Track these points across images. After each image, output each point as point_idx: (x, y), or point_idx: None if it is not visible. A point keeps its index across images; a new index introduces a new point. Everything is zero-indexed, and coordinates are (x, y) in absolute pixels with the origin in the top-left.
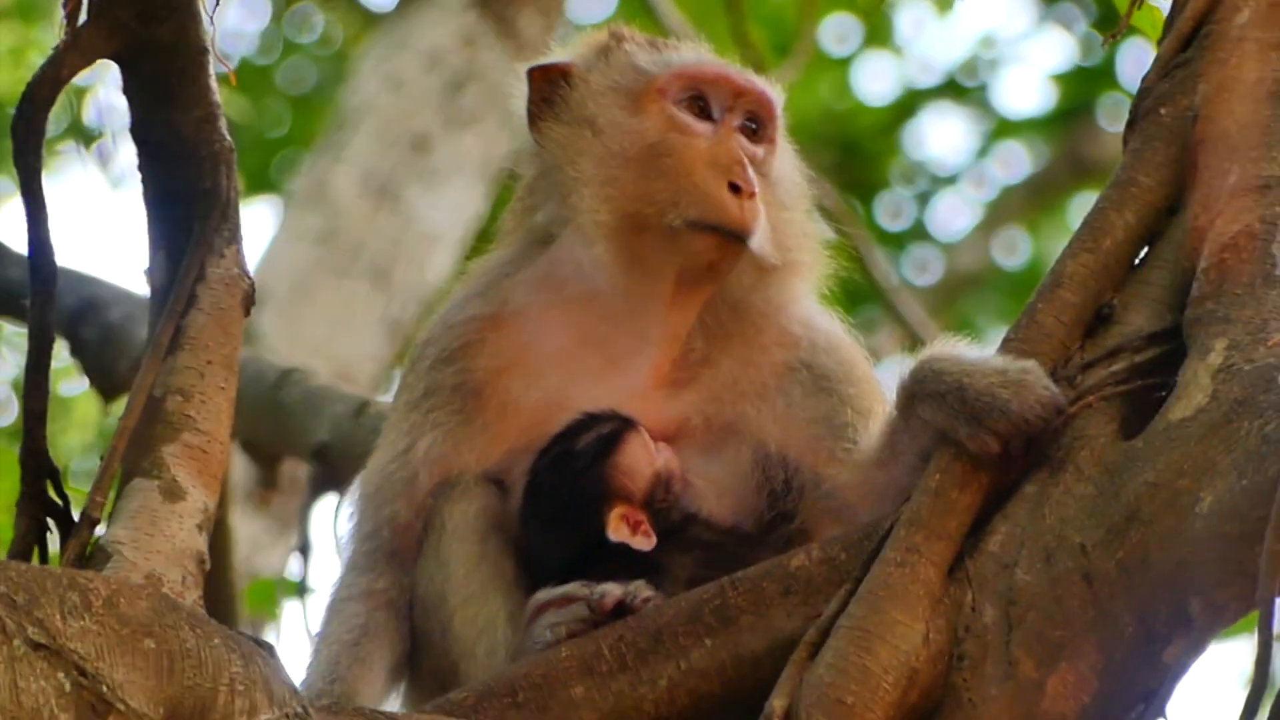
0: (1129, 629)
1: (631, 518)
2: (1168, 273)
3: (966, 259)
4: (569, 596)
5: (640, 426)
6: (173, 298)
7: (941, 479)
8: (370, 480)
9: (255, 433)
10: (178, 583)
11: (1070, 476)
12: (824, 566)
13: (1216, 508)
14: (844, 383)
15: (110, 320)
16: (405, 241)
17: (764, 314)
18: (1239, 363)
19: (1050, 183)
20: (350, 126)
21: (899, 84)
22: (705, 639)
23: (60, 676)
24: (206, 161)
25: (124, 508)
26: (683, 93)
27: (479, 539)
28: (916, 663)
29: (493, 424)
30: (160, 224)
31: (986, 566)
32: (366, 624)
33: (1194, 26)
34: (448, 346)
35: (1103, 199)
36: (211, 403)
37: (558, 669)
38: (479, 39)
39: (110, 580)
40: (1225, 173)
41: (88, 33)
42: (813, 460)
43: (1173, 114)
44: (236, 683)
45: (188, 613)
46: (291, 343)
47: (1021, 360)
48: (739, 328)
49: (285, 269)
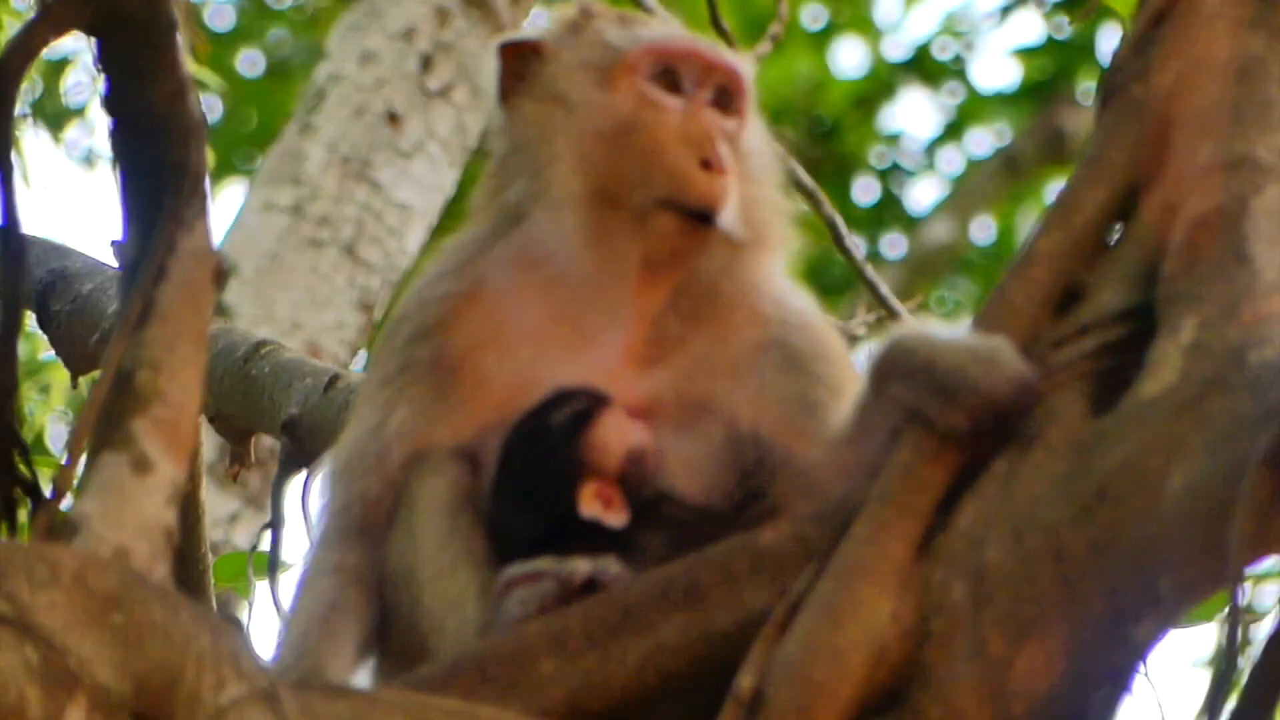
0: (1098, 607)
1: (604, 494)
2: (1139, 250)
3: (938, 236)
4: (538, 572)
5: (614, 403)
6: (143, 271)
7: (911, 456)
8: (342, 456)
9: (225, 407)
10: (146, 556)
11: (1040, 454)
12: (794, 543)
13: (1187, 486)
14: (816, 361)
15: (81, 293)
16: (376, 216)
17: (736, 292)
18: (1210, 341)
19: (1024, 159)
20: (321, 100)
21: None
22: (675, 615)
23: (28, 650)
24: (177, 135)
25: (92, 481)
26: (653, 68)
27: (450, 514)
28: (885, 640)
29: (467, 399)
30: (131, 197)
31: (956, 544)
32: (336, 599)
33: (1166, 3)
34: (423, 323)
35: (1074, 176)
36: (182, 376)
37: (527, 645)
38: (452, 13)
39: (78, 554)
40: (1197, 150)
41: (59, 5)
42: (785, 439)
43: (1144, 91)
44: (204, 657)
45: (156, 587)
46: (261, 317)
47: (991, 338)
48: (711, 307)
49: (255, 243)
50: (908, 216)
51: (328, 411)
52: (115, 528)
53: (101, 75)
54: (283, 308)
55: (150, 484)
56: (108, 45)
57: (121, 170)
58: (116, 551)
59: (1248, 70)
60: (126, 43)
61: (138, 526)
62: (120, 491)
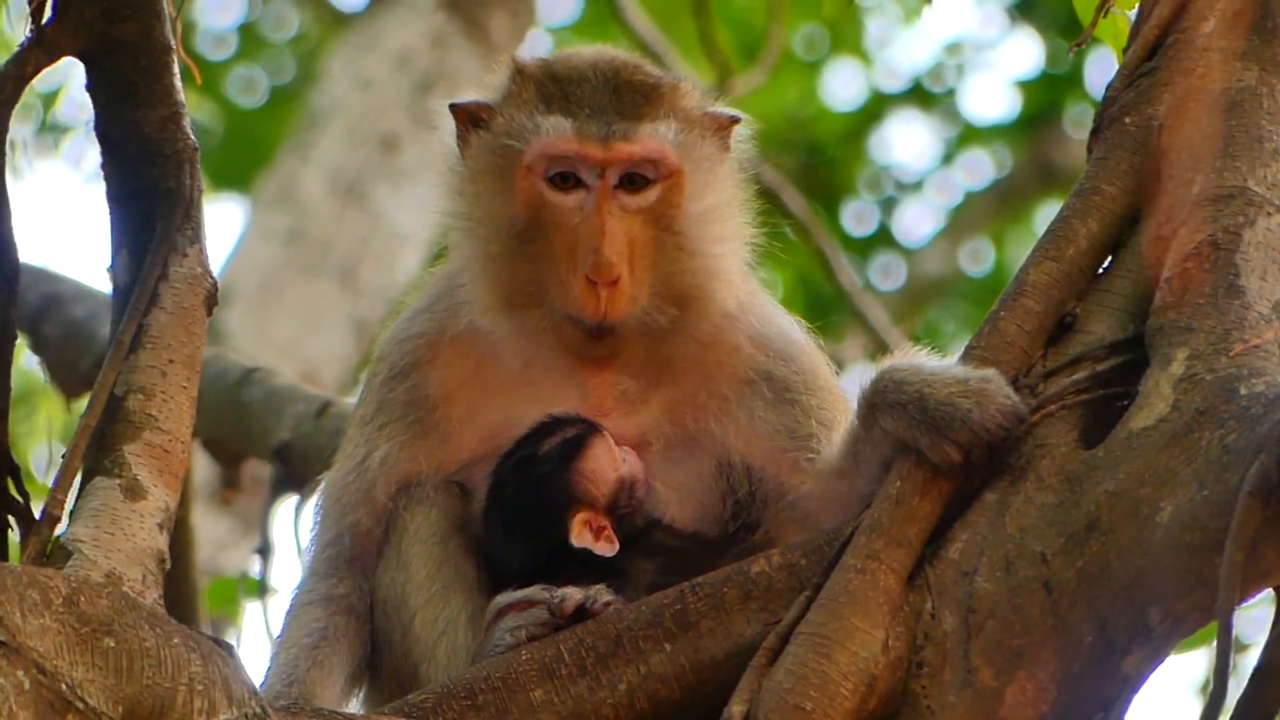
0: (1088, 638)
1: (595, 523)
2: (1130, 282)
3: (931, 265)
4: (529, 600)
5: (605, 431)
6: (135, 296)
7: (902, 486)
8: (330, 491)
9: (217, 432)
10: (138, 581)
11: (1031, 485)
12: (784, 572)
13: (1177, 517)
14: (805, 393)
15: (73, 317)
16: (373, 241)
17: (706, 339)
18: (1201, 372)
19: (1016, 189)
20: (319, 126)
21: (865, 90)
22: (665, 644)
23: (19, 674)
24: (170, 160)
25: (85, 506)
26: (549, 168)
27: (441, 541)
28: (875, 669)
29: (449, 436)
30: (123, 222)
31: (946, 574)
32: (326, 628)
33: (1159, 35)
34: (398, 363)
35: (1066, 207)
36: (173, 402)
37: (517, 672)
38: (449, 40)
39: (70, 578)
40: (1189, 182)
41: (52, 30)
42: (776, 471)
43: (1137, 123)
44: (195, 682)
45: (148, 612)
46: (259, 342)
47: (982, 369)
48: (680, 353)
49: (253, 268)
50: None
51: (319, 438)
52: (107, 552)
53: (93, 101)
54: (279, 333)
55: (142, 509)
56: (101, 70)
57: (113, 195)
58: (108, 576)
59: (1240, 103)
60: (120, 68)
61: (129, 551)
62: (112, 516)
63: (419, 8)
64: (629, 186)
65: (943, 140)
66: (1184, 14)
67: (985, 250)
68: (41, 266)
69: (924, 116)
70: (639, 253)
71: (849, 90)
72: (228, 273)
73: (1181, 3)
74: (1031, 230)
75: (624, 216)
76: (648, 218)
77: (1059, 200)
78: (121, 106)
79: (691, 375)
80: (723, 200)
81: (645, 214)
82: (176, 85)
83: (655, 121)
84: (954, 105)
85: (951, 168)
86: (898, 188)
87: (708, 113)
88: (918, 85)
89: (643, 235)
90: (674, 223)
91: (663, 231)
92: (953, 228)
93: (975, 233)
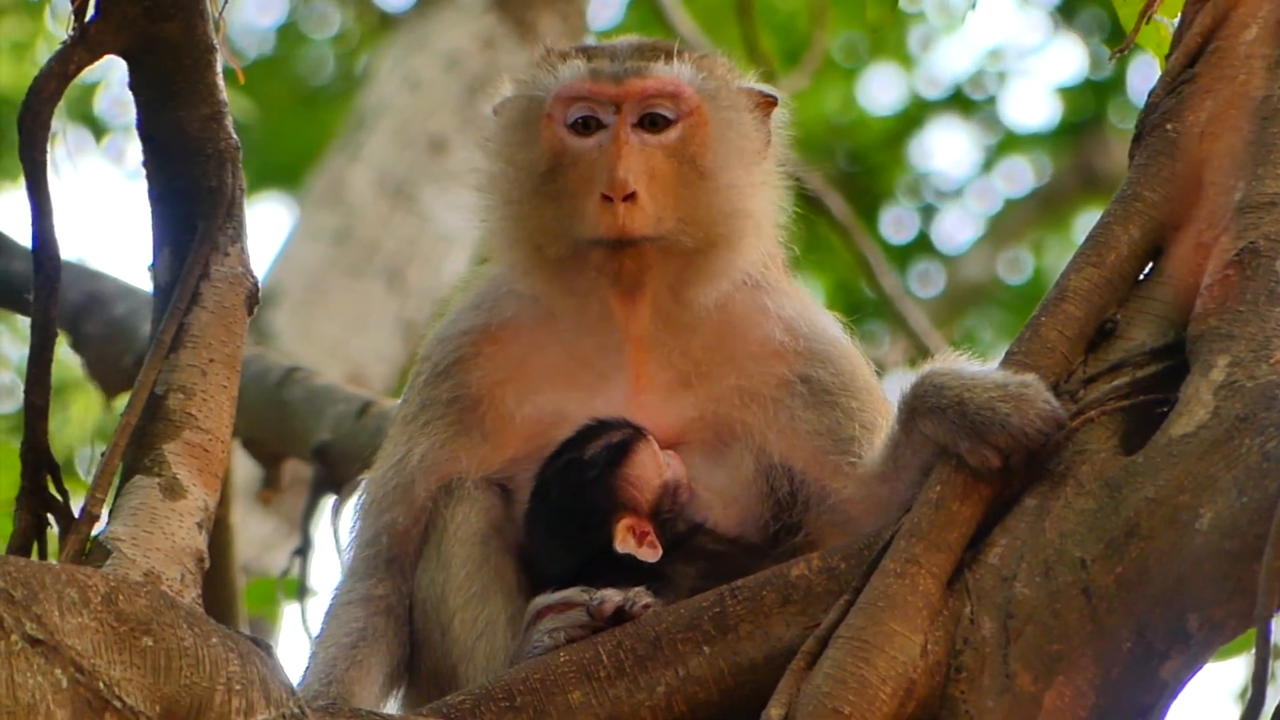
0: (1127, 644)
1: (638, 529)
2: (1171, 288)
3: (971, 273)
4: (568, 601)
5: (649, 436)
6: (176, 295)
7: (942, 491)
8: (370, 490)
9: (258, 431)
10: (176, 581)
11: (1071, 490)
12: (823, 576)
13: (1216, 524)
14: (846, 394)
15: (114, 316)
16: (421, 243)
17: (740, 313)
18: (1241, 379)
19: (1056, 196)
20: (368, 126)
21: (906, 95)
22: (704, 646)
23: (57, 672)
24: (212, 159)
25: (124, 505)
26: (567, 113)
27: (480, 542)
28: (914, 674)
29: (491, 434)
30: (165, 221)
31: (986, 579)
32: (365, 629)
33: (1201, 42)
34: (442, 361)
35: (1107, 214)
36: (213, 401)
37: (556, 674)
38: (499, 41)
39: (109, 577)
40: (1230, 189)
41: (95, 28)
42: (818, 474)
43: (1179, 130)
44: (234, 682)
45: (186, 611)
46: (305, 342)
47: (1022, 374)
48: (715, 328)
49: (300, 268)
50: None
51: (360, 438)
52: (146, 551)
53: (135, 99)
54: (326, 333)
55: (181, 508)
56: (143, 69)
57: (155, 193)
58: (147, 575)
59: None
60: (162, 66)
61: (168, 550)
62: (151, 515)
63: (469, 9)
64: (650, 127)
65: (983, 147)
66: (1226, 22)
67: (1024, 258)
68: (82, 264)
69: (964, 123)
70: (660, 180)
71: (889, 96)
72: (275, 272)
73: (1224, 11)
74: (1071, 238)
75: (643, 148)
76: (669, 152)
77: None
78: (163, 105)
79: (729, 357)
80: (751, 152)
81: (666, 149)
82: (219, 84)
83: (671, 62)
84: (995, 112)
85: (992, 174)
86: (937, 194)
87: (742, 86)
88: (958, 91)
89: (664, 166)
90: (697, 159)
91: (685, 165)
92: (992, 235)
93: (1015, 240)
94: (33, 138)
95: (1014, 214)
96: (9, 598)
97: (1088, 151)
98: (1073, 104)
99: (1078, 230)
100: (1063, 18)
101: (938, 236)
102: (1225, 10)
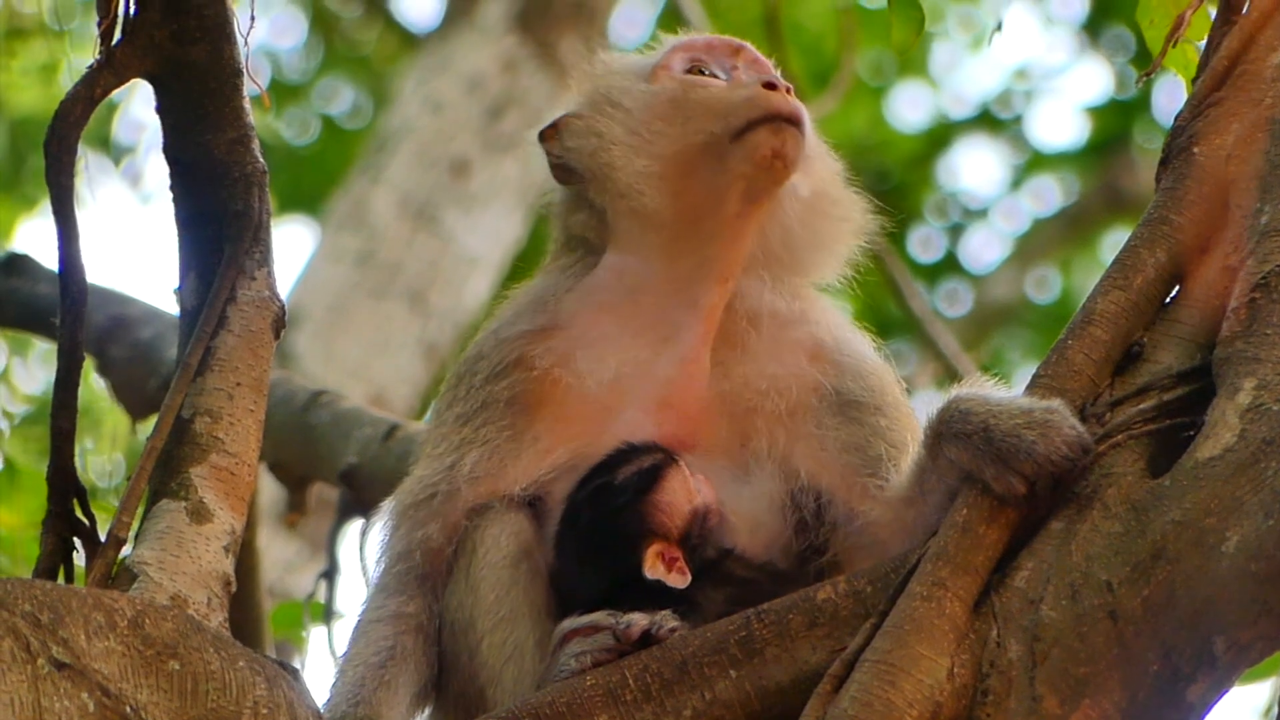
0: (1153, 667)
1: (668, 555)
2: (1198, 311)
3: (998, 292)
4: (595, 625)
5: (680, 462)
6: (203, 319)
7: (969, 515)
8: (408, 496)
9: (284, 455)
10: (203, 604)
11: (1097, 514)
12: (850, 599)
13: (1243, 547)
14: (875, 412)
15: (140, 339)
16: (443, 265)
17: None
18: (1268, 402)
19: (1084, 216)
20: (390, 148)
21: (933, 115)
22: (730, 670)
23: (84, 696)
24: (239, 183)
25: (150, 528)
26: (685, 64)
27: (510, 565)
28: (940, 697)
29: (542, 435)
30: (191, 244)
31: (1012, 602)
32: (394, 647)
33: (1228, 65)
34: (502, 360)
35: (1134, 236)
36: (240, 425)
37: (582, 697)
38: (520, 63)
39: (135, 601)
40: (1257, 213)
41: (121, 51)
42: (846, 495)
43: (1205, 153)
44: (260, 705)
45: (213, 634)
46: (327, 364)
47: (1048, 400)
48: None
49: (322, 290)
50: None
51: (386, 461)
52: (172, 575)
53: (162, 122)
54: (349, 355)
55: (208, 532)
56: (170, 92)
57: (181, 217)
58: (174, 599)
59: None
60: (189, 90)
61: (195, 574)
62: (178, 539)
63: (490, 31)
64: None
65: (1011, 166)
66: (1252, 45)
67: (1052, 277)
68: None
69: (992, 142)
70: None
71: (917, 116)
72: (297, 294)
73: (1250, 34)
74: (1098, 257)
75: None
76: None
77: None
78: (190, 128)
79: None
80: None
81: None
82: (245, 108)
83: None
84: (1022, 131)
85: (1019, 194)
86: (965, 214)
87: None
88: (986, 111)
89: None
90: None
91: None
92: (1020, 254)
93: (1042, 259)
94: (59, 162)
95: (1041, 233)
96: (36, 621)
97: (1114, 171)
98: (1099, 124)
99: (1105, 249)
100: (1089, 37)
101: (965, 256)
102: (1251, 34)
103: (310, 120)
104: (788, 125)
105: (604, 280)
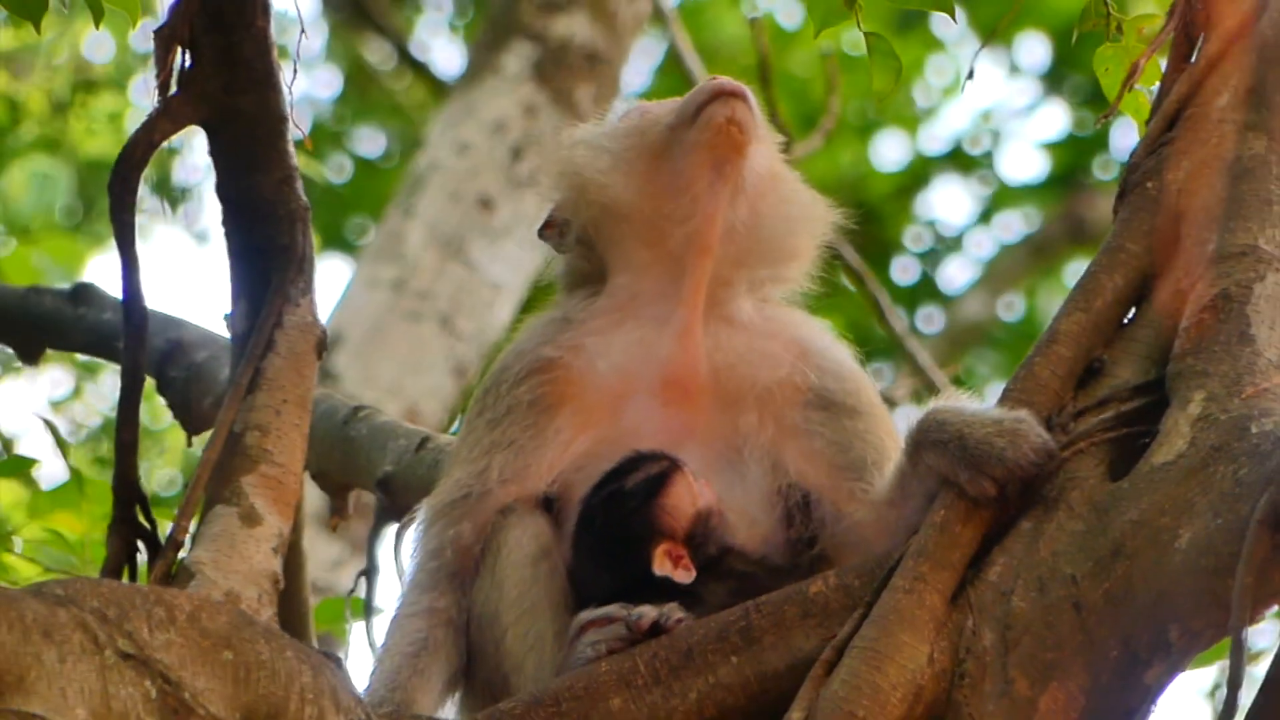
0: (1114, 652)
1: (674, 553)
2: (1152, 330)
3: (970, 313)
4: (609, 617)
5: (685, 467)
6: (252, 342)
7: (946, 515)
8: (444, 494)
9: (326, 464)
10: (254, 600)
11: (1063, 514)
12: (839, 592)
13: (1194, 544)
14: (854, 415)
15: (195, 361)
16: (470, 292)
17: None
18: (1216, 413)
19: (1047, 245)
20: (421, 187)
21: (911, 154)
22: (731, 656)
23: (147, 684)
24: (284, 220)
25: (206, 532)
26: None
27: (531, 563)
28: (922, 680)
29: (564, 427)
30: (242, 275)
31: (986, 594)
32: (427, 639)
33: (1178, 108)
34: (523, 368)
35: (1094, 263)
36: (286, 438)
37: (598, 682)
38: (539, 109)
39: (193, 597)
40: (1204, 241)
41: (177, 101)
42: (833, 495)
43: (1158, 187)
44: (306, 691)
45: (263, 627)
46: (365, 382)
47: (1017, 411)
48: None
49: (361, 315)
50: (942, 294)
51: (419, 469)
52: (226, 574)
53: (214, 165)
54: (385, 374)
55: (258, 535)
56: (221, 138)
57: (232, 250)
58: (227, 595)
59: (1251, 169)
60: (239, 135)
61: (246, 573)
62: (231, 541)
63: (512, 79)
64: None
65: (980, 199)
66: (1201, 89)
67: (1018, 301)
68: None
69: (963, 178)
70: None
71: (896, 154)
72: (337, 319)
73: (1198, 79)
74: (1061, 283)
75: None
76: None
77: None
78: (240, 171)
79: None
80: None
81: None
82: (290, 151)
83: None
84: (991, 168)
85: (989, 225)
86: (940, 242)
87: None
88: (958, 149)
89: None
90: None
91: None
92: (989, 279)
93: (1010, 285)
94: (122, 200)
95: (1009, 260)
96: (103, 616)
97: (1074, 203)
98: (1061, 160)
99: (1067, 275)
100: (1051, 84)
101: (940, 280)
102: (1200, 79)
103: (345, 163)
104: (734, 97)
105: (608, 299)
